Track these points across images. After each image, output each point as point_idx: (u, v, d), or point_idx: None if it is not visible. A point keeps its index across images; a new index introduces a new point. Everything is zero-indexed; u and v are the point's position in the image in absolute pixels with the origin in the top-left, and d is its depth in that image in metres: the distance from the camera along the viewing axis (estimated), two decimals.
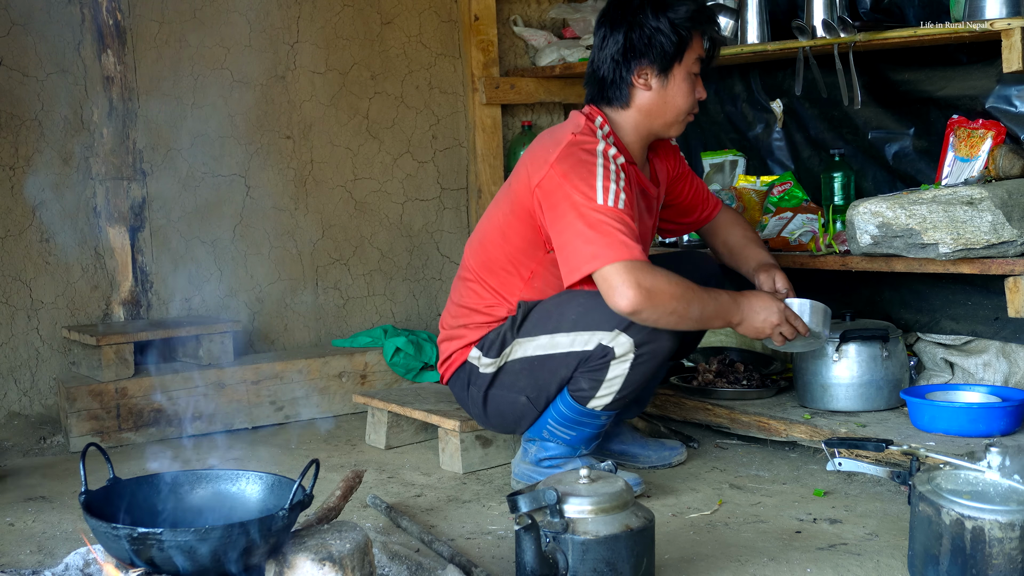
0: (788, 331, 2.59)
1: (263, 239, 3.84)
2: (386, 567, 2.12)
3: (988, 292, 2.99)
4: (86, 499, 1.90)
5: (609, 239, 2.42)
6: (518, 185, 2.63)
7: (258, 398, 3.53)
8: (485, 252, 2.72)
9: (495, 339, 2.68)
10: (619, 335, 2.53)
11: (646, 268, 2.41)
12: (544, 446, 2.72)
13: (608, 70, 2.65)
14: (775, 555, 2.29)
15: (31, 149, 3.49)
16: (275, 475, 2.06)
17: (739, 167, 3.63)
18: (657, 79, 2.63)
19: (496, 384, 2.71)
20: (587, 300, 2.57)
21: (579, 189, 2.47)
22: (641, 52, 2.61)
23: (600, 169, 2.49)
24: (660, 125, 2.69)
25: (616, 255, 2.40)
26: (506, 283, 2.69)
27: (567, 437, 2.70)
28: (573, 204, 2.47)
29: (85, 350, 3.44)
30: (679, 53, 2.62)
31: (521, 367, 2.67)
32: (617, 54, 2.63)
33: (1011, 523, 1.91)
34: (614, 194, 2.46)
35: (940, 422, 2.74)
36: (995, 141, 2.91)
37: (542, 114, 4.27)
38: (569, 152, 2.53)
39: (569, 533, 1.96)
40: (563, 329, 2.60)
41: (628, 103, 2.66)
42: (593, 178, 2.48)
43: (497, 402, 2.74)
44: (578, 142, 2.55)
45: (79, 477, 1.96)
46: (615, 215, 2.44)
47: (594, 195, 2.45)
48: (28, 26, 3.47)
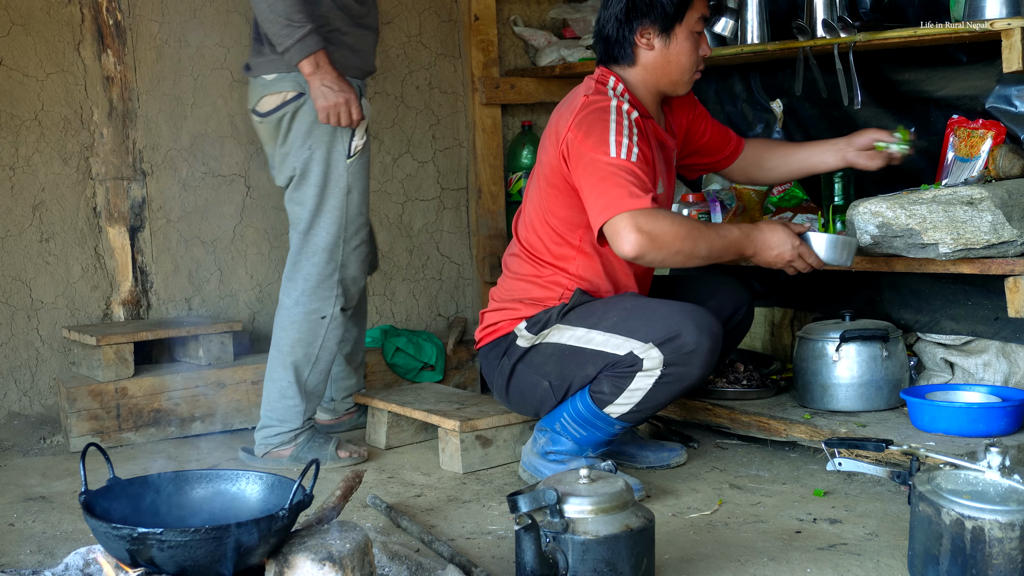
0: (801, 266, 2.63)
1: (263, 239, 3.84)
2: (386, 567, 2.12)
3: (988, 292, 2.99)
4: (86, 499, 1.90)
5: (618, 191, 2.49)
6: (547, 158, 2.71)
7: (258, 398, 3.53)
8: (534, 228, 2.78)
9: (542, 318, 2.72)
10: (651, 349, 2.55)
11: (650, 213, 2.47)
12: (554, 439, 2.73)
13: (612, 29, 2.73)
14: (775, 555, 2.29)
15: (31, 149, 3.50)
16: (275, 475, 2.06)
17: None
18: (659, 39, 2.71)
19: (525, 360, 2.74)
20: (633, 306, 2.62)
21: (594, 146, 2.56)
22: (643, 12, 2.69)
23: (613, 124, 2.57)
24: (666, 83, 2.77)
25: (622, 206, 2.47)
26: (560, 255, 2.74)
27: (577, 435, 2.71)
28: (590, 161, 2.55)
29: (85, 350, 3.44)
30: (680, 13, 2.69)
31: (552, 351, 2.70)
32: (620, 13, 2.71)
33: (1011, 523, 1.91)
34: (627, 148, 2.54)
35: (940, 422, 2.74)
36: (995, 141, 2.90)
37: (542, 114, 4.27)
38: (583, 114, 2.62)
39: (569, 533, 1.96)
40: (601, 328, 2.62)
41: (633, 62, 2.74)
42: (606, 133, 2.56)
43: (521, 379, 2.77)
44: (591, 102, 2.64)
45: (79, 477, 1.96)
46: (626, 167, 2.51)
47: (607, 149, 2.54)
48: (28, 26, 3.47)
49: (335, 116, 2.86)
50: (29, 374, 3.53)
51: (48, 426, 3.48)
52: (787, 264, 2.63)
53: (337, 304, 3.00)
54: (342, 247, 2.98)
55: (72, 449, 3.28)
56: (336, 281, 2.99)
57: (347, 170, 2.95)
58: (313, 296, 2.99)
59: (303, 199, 2.98)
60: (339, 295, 3.00)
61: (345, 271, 3.00)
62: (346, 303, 3.03)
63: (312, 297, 2.99)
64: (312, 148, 2.94)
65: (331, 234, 2.97)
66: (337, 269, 2.99)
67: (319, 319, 2.99)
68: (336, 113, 2.86)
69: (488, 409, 3.11)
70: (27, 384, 3.53)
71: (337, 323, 3.02)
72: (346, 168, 2.95)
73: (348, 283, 3.02)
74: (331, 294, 2.99)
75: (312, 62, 2.82)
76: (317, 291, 2.99)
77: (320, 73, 2.83)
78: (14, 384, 3.51)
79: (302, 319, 3.00)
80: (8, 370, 3.50)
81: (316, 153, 2.94)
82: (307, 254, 2.99)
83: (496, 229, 4.10)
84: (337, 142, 2.94)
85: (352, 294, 3.04)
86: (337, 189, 2.96)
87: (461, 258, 4.21)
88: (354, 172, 2.97)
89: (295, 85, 2.93)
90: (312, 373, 3.04)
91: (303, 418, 3.06)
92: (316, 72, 2.83)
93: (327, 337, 3.02)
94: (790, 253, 2.61)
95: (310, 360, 3.02)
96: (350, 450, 3.09)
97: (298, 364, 3.02)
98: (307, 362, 3.03)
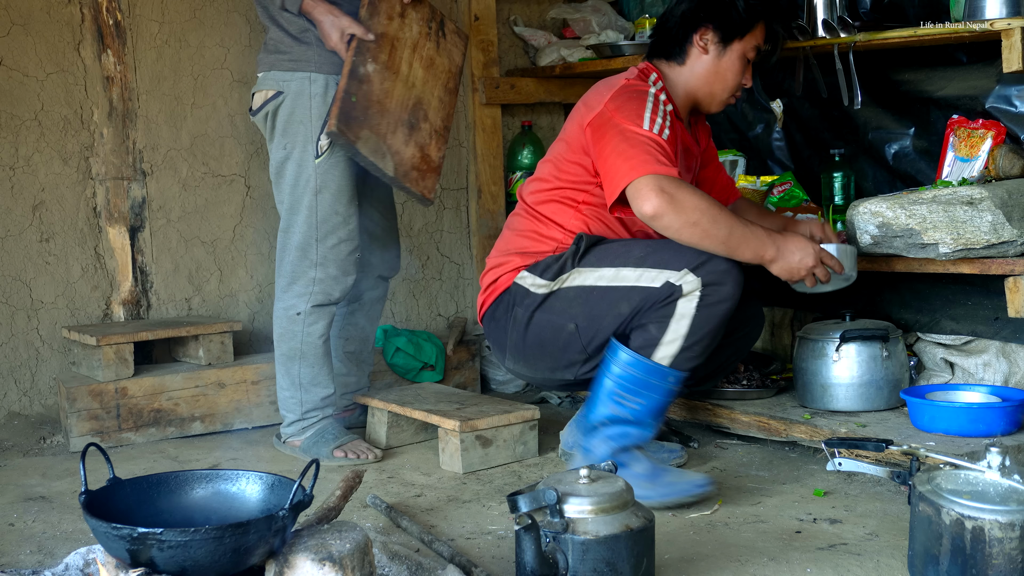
0: (822, 273, 2.60)
1: (263, 239, 3.84)
2: (386, 567, 2.12)
3: (988, 292, 2.99)
4: (86, 499, 1.90)
5: (646, 156, 2.52)
6: (572, 127, 2.75)
7: (258, 398, 3.53)
8: (539, 189, 2.79)
9: (552, 263, 2.69)
10: (687, 274, 2.54)
11: (675, 180, 2.49)
12: (612, 449, 2.62)
13: (674, 23, 2.80)
14: (775, 555, 2.29)
15: (31, 149, 3.50)
16: (275, 475, 2.06)
17: (739, 167, 3.63)
18: (716, 46, 2.77)
19: (544, 307, 2.69)
20: (656, 242, 2.63)
21: (627, 117, 2.59)
22: (710, 14, 2.75)
23: (650, 103, 2.63)
24: (705, 94, 2.82)
25: (649, 169, 2.50)
26: (559, 212, 2.75)
27: (635, 407, 2.60)
28: (620, 129, 2.58)
29: (85, 350, 3.44)
30: (743, 30, 2.76)
31: (576, 294, 2.65)
32: (688, 10, 2.78)
33: (1011, 523, 1.91)
34: (659, 126, 2.59)
35: (940, 422, 2.74)
36: (995, 141, 2.91)
37: (542, 114, 4.27)
38: (621, 92, 2.66)
39: (569, 533, 1.96)
40: (630, 264, 2.61)
41: (683, 60, 2.80)
42: (642, 109, 2.60)
43: (541, 327, 2.70)
44: (631, 85, 2.69)
45: (79, 477, 1.96)
46: (656, 140, 2.55)
47: (641, 122, 2.57)
48: (28, 26, 3.47)
49: (341, 46, 2.90)
50: (29, 374, 3.53)
51: (48, 426, 3.48)
52: (809, 270, 2.58)
53: (311, 301, 3.03)
54: (316, 246, 3.01)
55: (72, 449, 3.28)
56: (311, 279, 3.02)
57: (315, 170, 2.97)
58: (288, 292, 3.05)
59: (281, 197, 3.06)
60: (314, 292, 3.02)
61: (324, 270, 3.01)
62: (325, 300, 3.04)
63: (287, 293, 3.05)
64: (288, 148, 3.00)
65: (303, 233, 3.01)
66: (312, 267, 3.01)
67: (294, 315, 3.04)
68: (343, 41, 2.90)
69: (488, 409, 3.11)
70: (27, 384, 3.53)
71: (315, 319, 3.05)
72: (315, 168, 2.97)
73: (328, 282, 3.03)
74: (305, 291, 3.03)
75: (310, 3, 2.91)
76: (291, 288, 3.04)
77: (318, 10, 2.91)
78: (14, 384, 3.51)
79: (281, 315, 3.07)
80: (8, 370, 3.50)
81: (292, 152, 3.00)
82: (285, 252, 3.05)
83: (496, 229, 4.10)
84: (308, 142, 2.97)
85: (333, 293, 3.05)
86: (308, 189, 2.99)
87: (461, 258, 4.21)
88: (324, 172, 2.98)
89: (274, 83, 2.98)
90: (302, 367, 3.08)
91: (301, 409, 3.11)
92: (315, 8, 2.91)
93: (306, 332, 3.05)
94: (814, 258, 2.58)
95: (295, 354, 3.08)
96: (350, 451, 3.09)
97: (286, 357, 3.09)
98: (293, 355, 3.08)
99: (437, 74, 3.10)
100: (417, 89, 3.04)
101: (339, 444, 3.09)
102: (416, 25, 3.05)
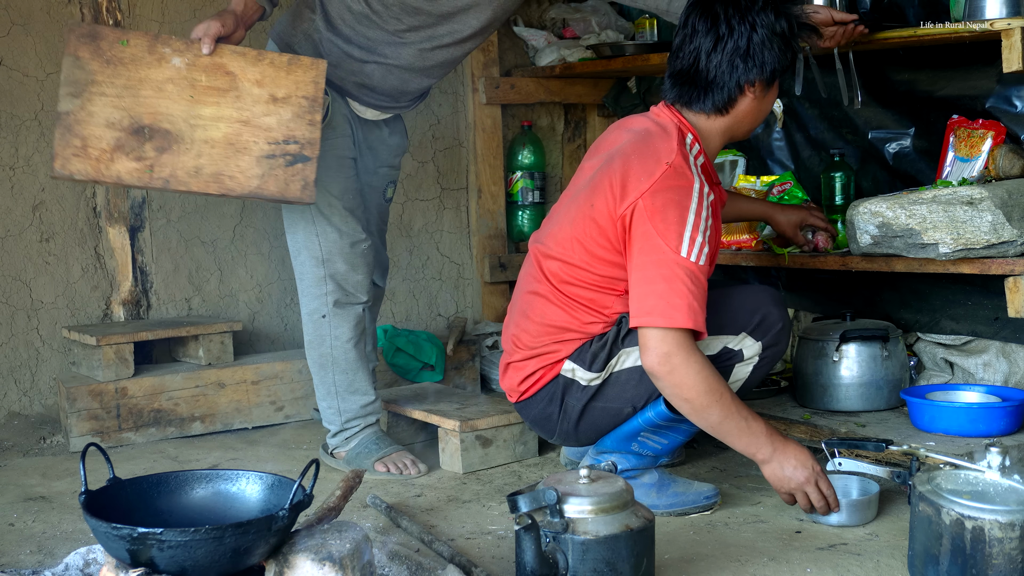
0: (815, 498, 2.37)
1: (263, 239, 3.84)
2: (386, 567, 2.12)
3: (988, 292, 2.99)
4: (86, 499, 1.90)
5: (672, 299, 2.30)
6: (602, 203, 2.45)
7: (258, 398, 3.54)
8: (573, 276, 2.52)
9: (598, 351, 2.52)
10: (746, 338, 2.53)
11: (686, 347, 2.30)
12: (625, 458, 2.60)
13: (722, 75, 2.44)
14: (775, 555, 2.29)
15: (31, 149, 3.50)
16: (275, 475, 2.06)
17: (739, 167, 3.63)
18: (762, 88, 2.49)
19: (599, 396, 2.56)
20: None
21: (664, 232, 2.33)
22: (764, 62, 2.45)
23: (692, 215, 2.35)
24: (742, 131, 2.56)
25: (669, 320, 2.29)
26: (599, 299, 2.52)
27: (658, 446, 2.59)
28: (655, 249, 2.34)
29: (85, 350, 3.44)
30: (789, 66, 2.53)
31: (629, 377, 2.53)
32: (739, 60, 2.43)
33: (1011, 523, 1.91)
34: (699, 246, 2.33)
35: (940, 422, 2.74)
36: (995, 141, 2.91)
37: (542, 114, 4.27)
38: (665, 185, 2.37)
39: (569, 533, 1.96)
40: None
41: (728, 110, 2.49)
42: (683, 225, 2.34)
43: (596, 415, 2.59)
44: (673, 176, 2.38)
45: (79, 477, 1.96)
46: (691, 271, 2.31)
47: (679, 245, 2.32)
48: (28, 26, 3.47)
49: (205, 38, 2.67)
50: (29, 374, 3.53)
51: (48, 426, 3.48)
52: (799, 486, 2.36)
53: (329, 300, 2.96)
54: (319, 243, 2.95)
55: (72, 449, 3.28)
56: (320, 277, 2.96)
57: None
58: (308, 296, 2.98)
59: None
60: (328, 291, 2.96)
61: (332, 266, 2.96)
62: (343, 298, 2.98)
63: (308, 297, 2.98)
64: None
65: (304, 232, 2.95)
66: (320, 265, 2.95)
67: (320, 318, 2.98)
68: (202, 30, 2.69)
69: (488, 409, 3.11)
70: (27, 384, 3.53)
71: (340, 321, 2.98)
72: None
73: (339, 279, 2.98)
74: (322, 291, 2.96)
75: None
76: (310, 290, 2.97)
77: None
78: (14, 384, 3.51)
79: (307, 321, 3.00)
80: (8, 370, 3.50)
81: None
82: (294, 254, 3.00)
83: (496, 229, 4.10)
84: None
85: (348, 289, 3.00)
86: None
87: (461, 258, 4.21)
88: (321, 169, 2.94)
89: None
90: (335, 373, 3.00)
91: (341, 419, 3.02)
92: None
93: (334, 336, 2.98)
94: (806, 476, 2.35)
95: (327, 361, 2.99)
96: (392, 464, 2.98)
97: (318, 366, 3.01)
98: (325, 363, 3.00)
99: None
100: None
101: (381, 456, 2.99)
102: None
